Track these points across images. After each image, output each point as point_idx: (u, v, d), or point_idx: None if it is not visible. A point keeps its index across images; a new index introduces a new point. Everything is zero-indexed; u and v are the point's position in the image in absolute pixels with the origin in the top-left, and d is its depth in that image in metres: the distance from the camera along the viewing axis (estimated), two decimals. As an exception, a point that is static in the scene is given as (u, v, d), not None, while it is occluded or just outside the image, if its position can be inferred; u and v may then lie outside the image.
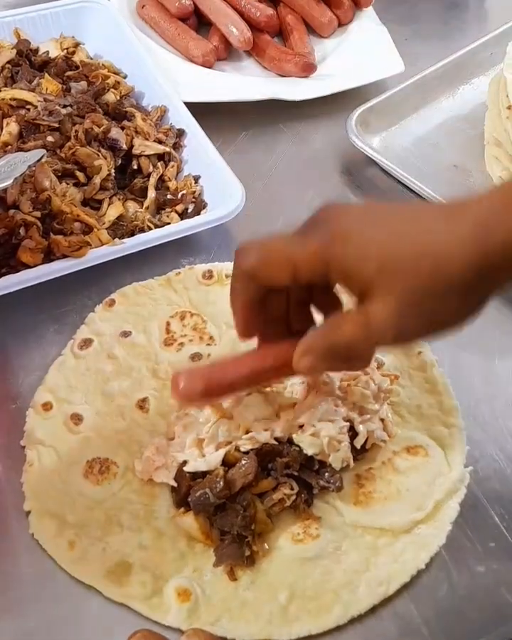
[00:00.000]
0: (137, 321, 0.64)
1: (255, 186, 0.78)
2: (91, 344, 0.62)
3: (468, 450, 0.58)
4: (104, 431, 0.57)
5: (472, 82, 0.92)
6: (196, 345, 0.63)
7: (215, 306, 0.65)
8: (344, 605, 0.50)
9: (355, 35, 0.95)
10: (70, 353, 0.62)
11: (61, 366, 0.61)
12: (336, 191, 0.80)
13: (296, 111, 0.87)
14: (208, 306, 0.66)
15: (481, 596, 0.52)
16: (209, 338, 0.63)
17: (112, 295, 0.66)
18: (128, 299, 0.66)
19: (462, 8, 1.07)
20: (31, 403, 0.59)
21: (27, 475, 0.55)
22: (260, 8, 0.92)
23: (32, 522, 0.53)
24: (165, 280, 0.67)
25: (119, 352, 0.62)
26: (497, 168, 0.80)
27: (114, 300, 0.66)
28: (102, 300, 0.66)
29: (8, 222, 0.64)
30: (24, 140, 0.72)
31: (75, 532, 0.52)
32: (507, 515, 0.56)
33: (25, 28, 0.84)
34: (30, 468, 0.55)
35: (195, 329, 0.64)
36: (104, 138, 0.73)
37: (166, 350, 0.63)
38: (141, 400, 0.59)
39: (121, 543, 0.52)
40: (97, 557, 0.51)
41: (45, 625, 0.49)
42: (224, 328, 0.64)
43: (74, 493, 0.54)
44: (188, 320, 0.64)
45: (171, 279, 0.67)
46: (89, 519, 0.53)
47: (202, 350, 0.63)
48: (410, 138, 0.85)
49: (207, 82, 0.86)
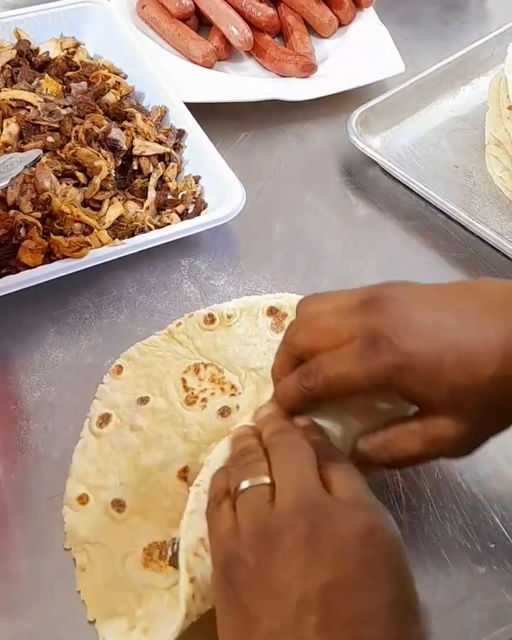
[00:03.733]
0: (151, 384, 0.61)
1: (256, 187, 0.79)
2: (110, 419, 0.58)
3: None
4: (151, 512, 0.53)
5: (473, 83, 0.92)
6: (219, 397, 0.59)
7: (226, 351, 0.62)
8: None
9: (356, 35, 0.95)
10: (90, 434, 0.58)
11: (84, 450, 0.57)
12: (336, 191, 0.80)
13: (296, 111, 0.87)
14: (219, 352, 0.62)
15: (481, 597, 0.52)
16: (231, 387, 0.60)
17: (117, 361, 0.62)
18: (135, 362, 0.62)
19: (462, 9, 1.07)
20: (65, 499, 0.54)
21: (81, 582, 0.51)
22: (261, 8, 0.92)
23: (101, 629, 0.49)
24: (167, 334, 0.64)
25: (142, 422, 0.58)
26: (497, 168, 0.80)
27: (120, 367, 0.62)
28: (102, 301, 0.66)
29: (9, 222, 0.64)
30: (24, 140, 0.72)
31: (147, 620, 0.48)
32: (507, 516, 0.56)
33: (25, 28, 0.84)
34: (83, 573, 0.51)
35: (213, 381, 0.61)
36: (104, 138, 0.73)
37: (190, 409, 0.59)
38: (182, 470, 0.55)
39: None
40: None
41: (45, 625, 0.49)
42: (243, 373, 0.61)
43: (138, 587, 0.50)
44: (203, 372, 0.61)
45: (172, 331, 0.64)
46: (160, 606, 0.48)
47: (228, 402, 0.59)
48: (411, 138, 0.85)
49: (207, 83, 0.86)
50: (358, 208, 0.79)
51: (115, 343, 0.64)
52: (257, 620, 0.37)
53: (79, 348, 0.64)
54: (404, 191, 0.79)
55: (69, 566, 0.52)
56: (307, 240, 0.75)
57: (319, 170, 0.82)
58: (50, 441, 0.58)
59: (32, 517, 0.54)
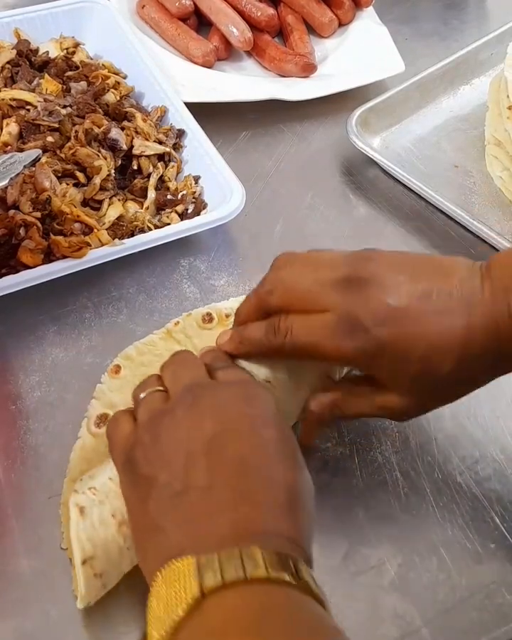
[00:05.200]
0: None
1: (255, 186, 0.79)
2: (107, 419, 0.57)
3: (469, 450, 0.59)
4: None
5: (473, 82, 0.92)
6: None
7: None
8: None
9: (356, 35, 0.95)
10: (88, 434, 0.57)
11: (82, 451, 0.56)
12: (336, 191, 0.80)
13: (296, 111, 0.87)
14: None
15: (481, 597, 0.52)
16: None
17: (115, 361, 0.62)
18: (133, 361, 0.62)
19: (462, 8, 1.07)
20: (62, 499, 0.54)
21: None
22: (261, 8, 0.92)
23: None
24: (165, 333, 0.64)
25: None
26: (497, 168, 0.80)
27: (119, 366, 0.61)
28: (102, 301, 0.66)
29: (8, 222, 0.64)
30: (24, 140, 0.72)
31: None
32: (507, 516, 0.56)
33: (25, 28, 0.84)
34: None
35: None
36: (104, 138, 0.73)
37: None
38: None
39: None
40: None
41: (45, 625, 0.49)
42: None
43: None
44: None
45: (170, 330, 0.64)
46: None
47: None
48: (411, 138, 0.85)
49: (207, 82, 0.86)
50: (358, 208, 0.79)
51: (115, 343, 0.64)
52: (155, 479, 0.41)
53: (79, 348, 0.64)
54: (404, 191, 0.79)
55: (69, 566, 0.51)
56: (307, 240, 0.75)
57: (319, 170, 0.82)
58: (50, 441, 0.58)
59: (32, 517, 0.54)
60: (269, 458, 0.41)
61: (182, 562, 0.37)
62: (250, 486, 0.40)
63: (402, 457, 0.59)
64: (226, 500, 0.39)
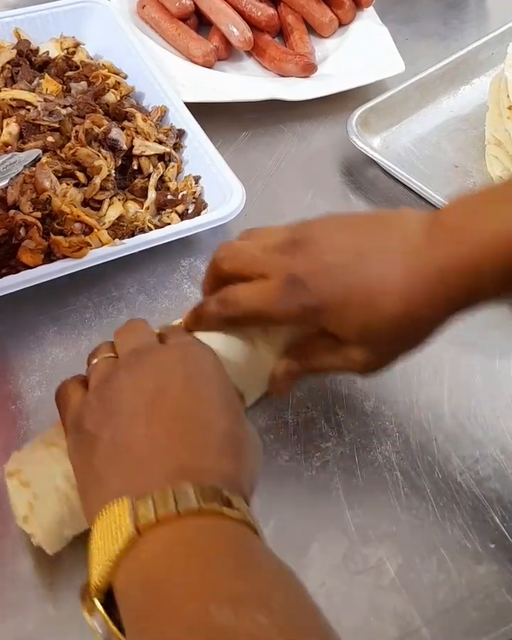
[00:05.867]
0: None
1: (255, 186, 0.79)
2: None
3: (469, 450, 0.59)
4: None
5: (473, 82, 0.92)
6: None
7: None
8: None
9: (356, 35, 0.94)
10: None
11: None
12: (336, 191, 0.80)
13: (296, 111, 0.87)
14: None
15: (481, 597, 0.52)
16: None
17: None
18: None
19: (462, 8, 1.07)
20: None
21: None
22: (261, 8, 0.92)
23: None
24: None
25: None
26: (497, 168, 0.80)
27: None
28: (102, 301, 0.66)
29: (9, 222, 0.64)
30: (24, 140, 0.72)
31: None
32: (507, 516, 0.56)
33: (26, 28, 0.84)
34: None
35: None
36: (104, 138, 0.73)
37: None
38: None
39: None
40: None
41: (45, 625, 0.49)
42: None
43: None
44: None
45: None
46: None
47: None
48: (411, 138, 0.85)
49: (207, 82, 0.86)
50: (358, 208, 0.79)
51: (115, 343, 0.63)
52: (99, 439, 0.42)
53: (79, 348, 0.64)
54: (404, 191, 0.79)
55: (69, 566, 0.51)
56: (307, 239, 0.75)
57: (319, 170, 0.82)
58: (50, 441, 0.58)
59: (32, 517, 0.54)
60: (208, 410, 0.43)
61: (118, 503, 0.38)
62: (188, 433, 0.42)
63: (402, 457, 0.59)
64: (164, 447, 0.41)
